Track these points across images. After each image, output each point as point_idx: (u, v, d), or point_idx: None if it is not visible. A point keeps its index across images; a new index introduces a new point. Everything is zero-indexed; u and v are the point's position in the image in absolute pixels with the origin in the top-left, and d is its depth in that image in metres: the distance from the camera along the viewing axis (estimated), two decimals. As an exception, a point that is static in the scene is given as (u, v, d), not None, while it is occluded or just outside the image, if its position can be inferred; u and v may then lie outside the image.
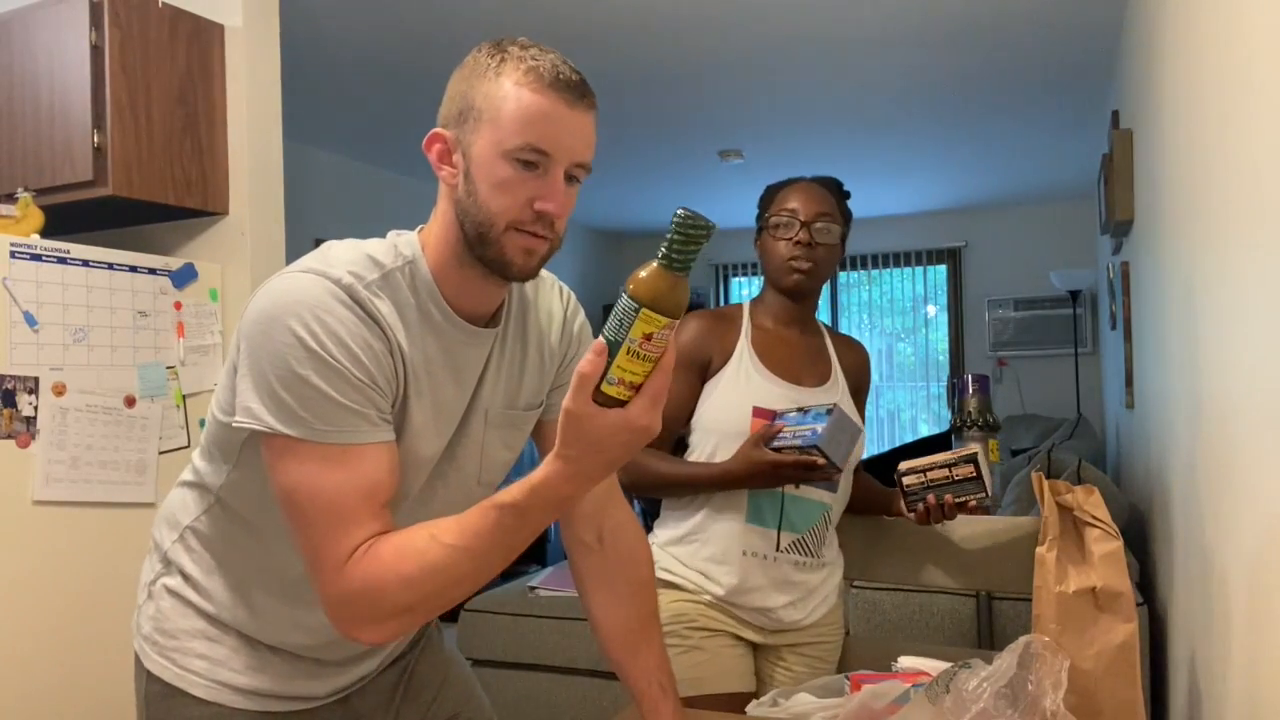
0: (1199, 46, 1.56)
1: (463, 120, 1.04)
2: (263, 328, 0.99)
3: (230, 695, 1.15)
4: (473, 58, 1.06)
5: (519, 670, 2.95)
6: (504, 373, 1.18)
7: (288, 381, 0.98)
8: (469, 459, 1.18)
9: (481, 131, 1.02)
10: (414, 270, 1.08)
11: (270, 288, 1.02)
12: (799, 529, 1.70)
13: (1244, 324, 1.19)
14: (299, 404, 0.98)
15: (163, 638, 1.18)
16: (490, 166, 1.02)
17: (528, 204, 1.02)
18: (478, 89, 1.03)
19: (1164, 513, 2.19)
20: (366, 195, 5.37)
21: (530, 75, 1.01)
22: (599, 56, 3.67)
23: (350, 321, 1.00)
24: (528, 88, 1.01)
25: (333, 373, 0.98)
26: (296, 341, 0.97)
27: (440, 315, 1.09)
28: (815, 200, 1.74)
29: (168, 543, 1.21)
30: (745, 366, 1.71)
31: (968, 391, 1.85)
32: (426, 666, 1.37)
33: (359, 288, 1.02)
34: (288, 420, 0.98)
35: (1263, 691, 1.09)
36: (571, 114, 1.03)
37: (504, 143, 1.01)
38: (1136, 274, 2.89)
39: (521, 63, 1.02)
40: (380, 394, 1.02)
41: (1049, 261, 6.65)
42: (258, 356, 0.99)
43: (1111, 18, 3.30)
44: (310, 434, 0.98)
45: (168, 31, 2.39)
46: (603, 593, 1.29)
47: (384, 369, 1.03)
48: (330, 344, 0.98)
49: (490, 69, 1.03)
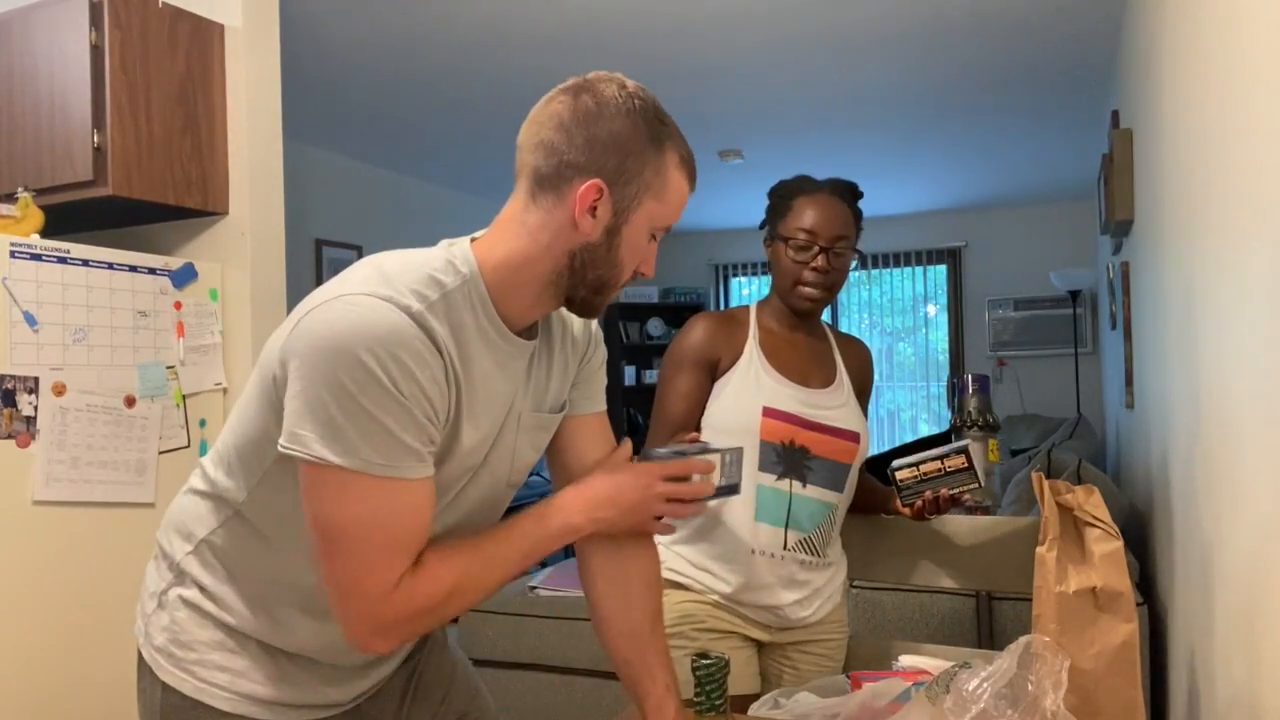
0: (1199, 46, 1.56)
1: (625, 181, 1.08)
2: (327, 355, 0.95)
3: (252, 707, 1.14)
4: (629, 117, 1.08)
5: (519, 670, 2.95)
6: (534, 378, 1.19)
7: (352, 414, 0.96)
8: (501, 462, 1.19)
9: (644, 203, 1.09)
10: (471, 287, 1.07)
11: (331, 311, 0.98)
12: (805, 528, 1.70)
13: (1244, 324, 1.19)
14: (360, 437, 0.97)
15: (180, 650, 1.16)
16: (641, 235, 1.11)
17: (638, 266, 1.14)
18: (646, 158, 1.08)
19: (1164, 513, 2.19)
20: (366, 195, 5.37)
21: (686, 165, 1.12)
22: (599, 57, 3.67)
23: (419, 355, 0.99)
24: (686, 177, 1.13)
25: (401, 410, 0.97)
26: (368, 376, 0.95)
27: (494, 331, 1.10)
28: (834, 221, 1.71)
29: (180, 554, 1.18)
30: (754, 368, 1.72)
31: (968, 391, 1.85)
32: (434, 667, 1.37)
33: (427, 315, 1.01)
34: (343, 452, 0.97)
35: (1263, 691, 1.09)
36: None
37: (660, 221, 1.12)
38: (1136, 274, 2.90)
39: (677, 145, 1.12)
40: (437, 427, 1.03)
41: (1049, 261, 6.65)
42: (315, 384, 0.96)
43: (1111, 18, 3.30)
44: (366, 467, 0.98)
45: (168, 31, 2.39)
46: (611, 590, 1.29)
47: (443, 400, 1.03)
48: (402, 380, 0.97)
49: (654, 139, 1.09)
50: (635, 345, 7.58)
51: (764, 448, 1.67)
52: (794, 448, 1.69)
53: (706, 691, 1.14)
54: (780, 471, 1.68)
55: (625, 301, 7.49)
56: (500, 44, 3.54)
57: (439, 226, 5.70)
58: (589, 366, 1.29)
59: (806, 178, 1.79)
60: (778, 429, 1.68)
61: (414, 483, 1.01)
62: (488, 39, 3.49)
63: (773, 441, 1.68)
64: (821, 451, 1.71)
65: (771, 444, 1.68)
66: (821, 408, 1.72)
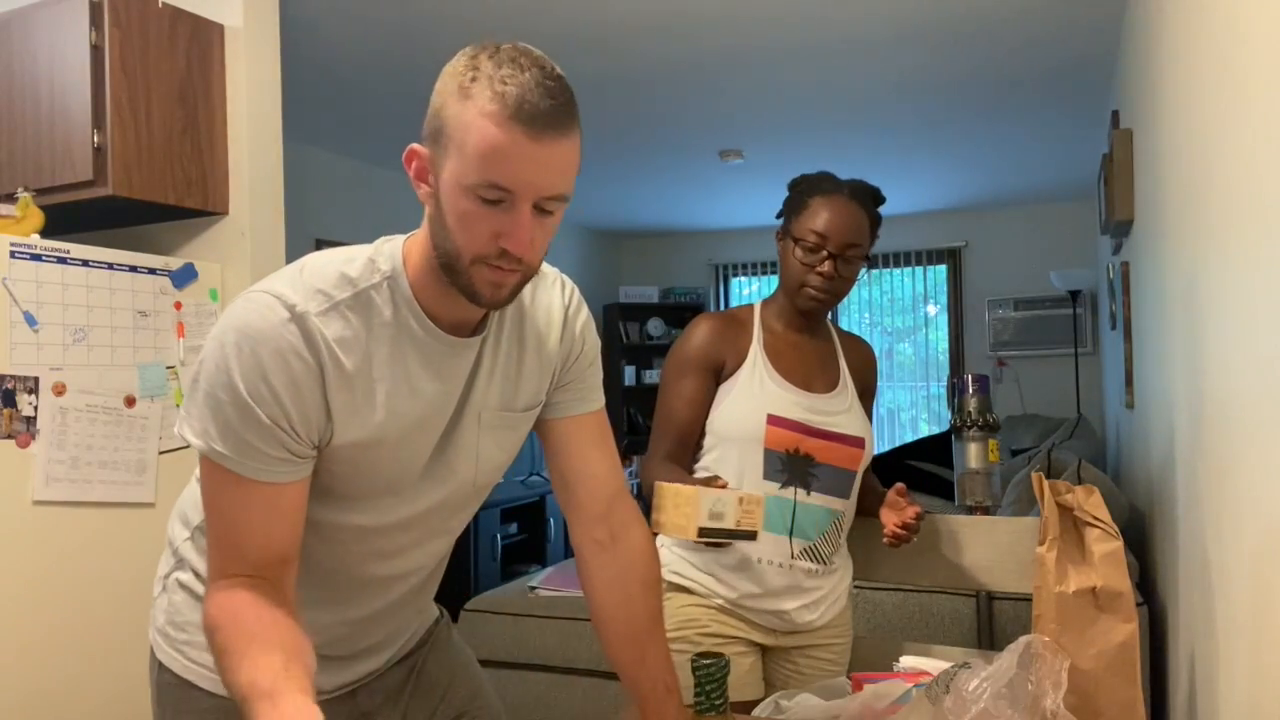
0: (1199, 46, 1.56)
1: (435, 140, 0.99)
2: (210, 343, 1.02)
3: None
4: (451, 65, 0.99)
5: (519, 670, 2.95)
6: (498, 375, 1.17)
7: (209, 398, 1.01)
8: (463, 462, 1.18)
9: (448, 159, 0.97)
10: (393, 285, 1.06)
11: (236, 304, 1.03)
12: (810, 535, 1.69)
13: (1244, 323, 1.19)
14: (211, 421, 1.01)
15: (174, 630, 1.20)
16: (454, 199, 0.97)
17: (492, 239, 0.98)
18: (449, 109, 0.97)
19: (1164, 513, 2.18)
20: (366, 195, 5.36)
21: (495, 104, 0.93)
22: (599, 56, 3.67)
23: (280, 356, 1.00)
24: (491, 119, 0.93)
25: (243, 407, 1.00)
26: (224, 366, 1.00)
27: (420, 328, 1.08)
28: (848, 228, 1.67)
29: (179, 539, 1.22)
30: (759, 373, 1.70)
31: (967, 391, 1.85)
32: (435, 665, 1.37)
33: (310, 316, 1.01)
34: (197, 431, 1.02)
35: (1264, 692, 1.09)
36: (537, 147, 0.94)
37: (465, 177, 0.95)
38: (1136, 274, 2.89)
39: (490, 85, 0.94)
40: (291, 436, 1.02)
41: (1049, 261, 6.65)
42: (199, 366, 1.03)
43: (1111, 18, 3.30)
44: (210, 452, 1.02)
45: (168, 31, 2.39)
46: (612, 591, 1.28)
47: (307, 408, 1.02)
48: (253, 378, 0.99)
49: (461, 86, 0.96)
50: (635, 345, 7.58)
51: (768, 456, 1.66)
52: (798, 455, 1.68)
53: (706, 691, 1.14)
54: (784, 480, 1.67)
55: (625, 302, 7.49)
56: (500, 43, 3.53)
57: (439, 226, 5.68)
58: (577, 366, 1.26)
59: (828, 176, 1.74)
60: (782, 437, 1.67)
61: (265, 486, 1.02)
62: (487, 39, 3.48)
63: (777, 449, 1.67)
64: (826, 458, 1.70)
65: (776, 452, 1.67)
66: (826, 413, 1.71)
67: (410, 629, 1.35)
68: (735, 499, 1.31)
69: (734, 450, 1.67)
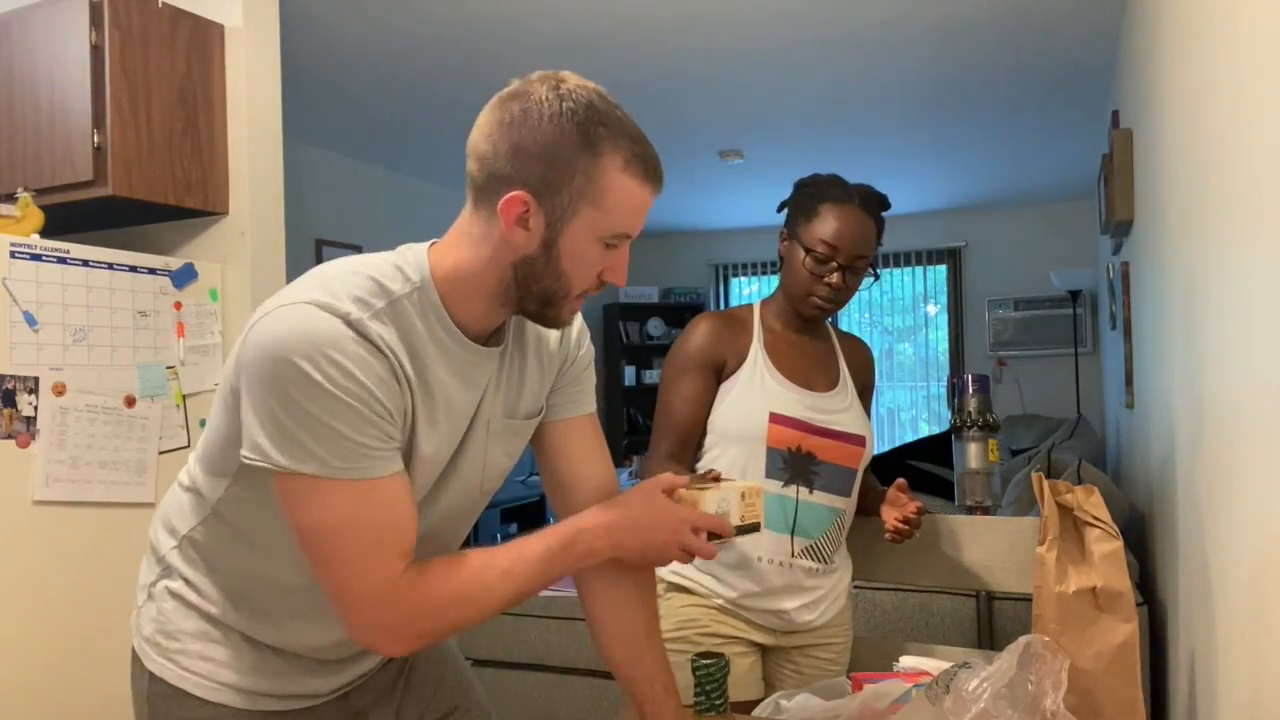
0: (1199, 47, 1.56)
1: (554, 192, 1.01)
2: (267, 365, 0.97)
3: (232, 696, 1.15)
4: (554, 121, 1.00)
5: (519, 670, 2.95)
6: (504, 384, 1.18)
7: (300, 420, 0.97)
8: (471, 469, 1.18)
9: (581, 212, 1.02)
10: (423, 295, 1.07)
11: (272, 321, 0.99)
12: (812, 534, 1.69)
13: (1244, 323, 1.19)
14: (315, 443, 0.97)
15: (165, 639, 1.18)
16: (583, 246, 1.04)
17: (597, 274, 1.07)
18: (574, 165, 1.01)
19: (1164, 513, 2.18)
20: (366, 195, 5.37)
21: (635, 165, 1.03)
22: (599, 57, 3.67)
23: (357, 356, 0.99)
24: (635, 179, 1.03)
25: (349, 410, 0.98)
26: (308, 381, 0.96)
27: (449, 338, 1.08)
28: (857, 239, 1.66)
29: (165, 548, 1.20)
30: (760, 371, 1.70)
31: (967, 391, 1.85)
32: (425, 661, 1.37)
33: (366, 320, 1.01)
34: (301, 458, 0.98)
35: (1264, 692, 1.09)
36: (654, 198, 1.07)
37: (606, 229, 1.04)
38: (1136, 274, 2.89)
39: (620, 146, 1.02)
40: (393, 424, 1.03)
41: (1049, 261, 6.65)
42: (263, 394, 0.98)
43: (1111, 18, 3.30)
44: (329, 471, 0.98)
45: (168, 31, 2.39)
46: (606, 594, 1.28)
47: (394, 398, 1.03)
48: (343, 380, 0.97)
49: (586, 143, 1.01)
50: (635, 345, 7.58)
51: (770, 454, 1.67)
52: (800, 453, 1.68)
53: (706, 691, 1.14)
54: (786, 478, 1.67)
55: (625, 301, 7.49)
56: (500, 44, 3.54)
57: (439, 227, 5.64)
58: (573, 370, 1.27)
59: (837, 181, 1.72)
60: (784, 435, 1.67)
61: (380, 481, 1.02)
62: (488, 39, 3.49)
63: (779, 447, 1.67)
64: (828, 457, 1.70)
65: (778, 450, 1.67)
66: (827, 411, 1.71)
67: None
68: (737, 495, 1.31)
69: (736, 449, 1.68)
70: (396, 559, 1.04)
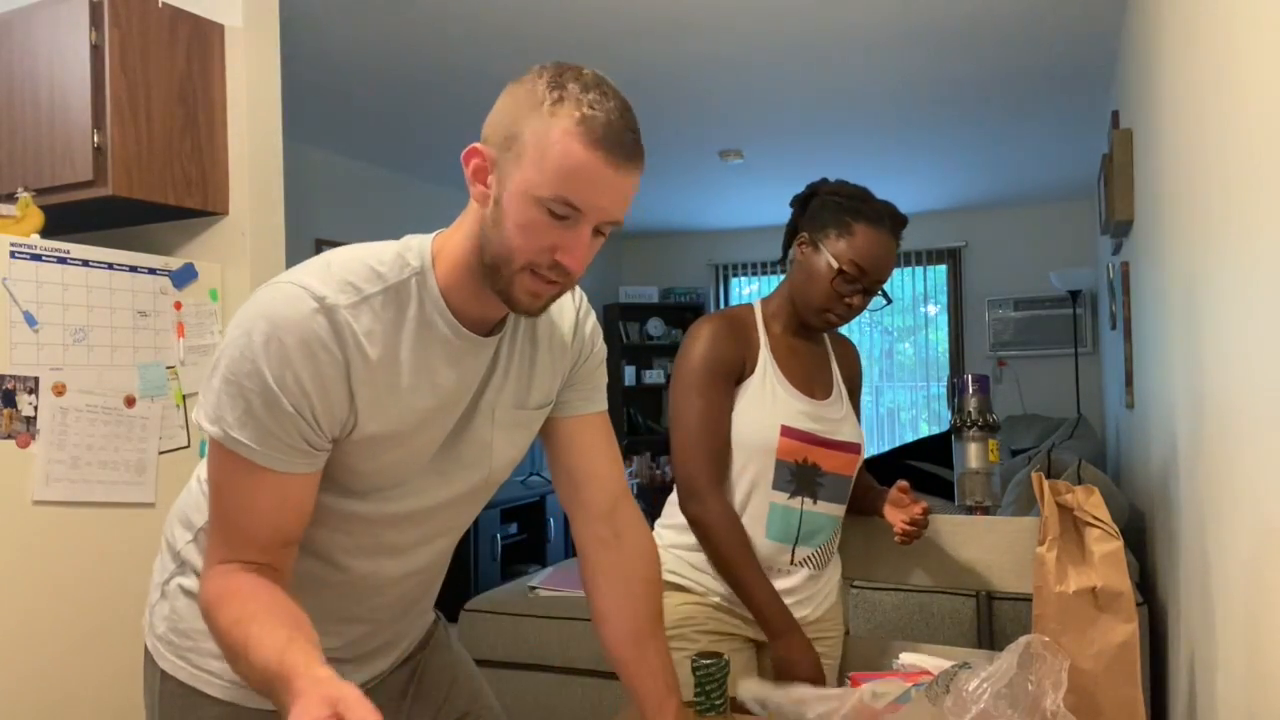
0: (1199, 47, 1.56)
1: (506, 146, 1.00)
2: (233, 330, 1.01)
3: (245, 695, 1.15)
4: (531, 81, 1.01)
5: (519, 670, 2.95)
6: (513, 373, 1.18)
7: (230, 384, 1.00)
8: (476, 458, 1.18)
9: (522, 168, 0.99)
10: (420, 281, 1.07)
11: (261, 293, 1.03)
12: (813, 543, 1.70)
13: (1244, 323, 1.19)
14: (230, 408, 1.00)
15: (178, 638, 1.18)
16: (521, 205, 0.99)
17: (548, 250, 1.01)
18: (529, 120, 0.98)
19: (1164, 513, 2.19)
20: (366, 195, 5.36)
21: (583, 126, 0.97)
22: (599, 57, 3.67)
23: (307, 347, 1.00)
24: (578, 140, 0.97)
25: (267, 395, 0.99)
26: (249, 353, 0.99)
27: (445, 326, 1.09)
28: (885, 265, 1.63)
29: (181, 542, 1.21)
30: (770, 380, 1.68)
31: (967, 391, 1.85)
32: (437, 666, 1.37)
33: (342, 308, 1.02)
34: (212, 416, 1.01)
35: (1263, 691, 1.09)
36: (613, 174, 0.99)
37: (539, 189, 0.98)
38: (1136, 274, 2.89)
39: (578, 107, 0.97)
40: (312, 428, 1.02)
41: (1049, 261, 6.65)
42: (221, 353, 1.02)
43: (1111, 18, 3.30)
44: (225, 439, 1.01)
45: (168, 31, 2.39)
46: (614, 589, 1.29)
47: (331, 401, 1.03)
48: (277, 366, 0.99)
49: (546, 103, 0.98)
50: (635, 345, 7.58)
51: (779, 466, 1.66)
52: (806, 465, 1.68)
53: (706, 691, 1.14)
54: (792, 490, 1.67)
55: (625, 302, 7.49)
56: (501, 43, 3.54)
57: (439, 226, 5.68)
58: (586, 366, 1.28)
59: (868, 197, 1.68)
60: (793, 448, 1.67)
61: (276, 475, 1.02)
62: (487, 39, 3.49)
63: (787, 460, 1.67)
64: (831, 467, 1.71)
65: (786, 462, 1.67)
66: (830, 421, 1.71)
67: (415, 629, 1.35)
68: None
69: (746, 459, 1.67)
70: (242, 548, 1.03)
